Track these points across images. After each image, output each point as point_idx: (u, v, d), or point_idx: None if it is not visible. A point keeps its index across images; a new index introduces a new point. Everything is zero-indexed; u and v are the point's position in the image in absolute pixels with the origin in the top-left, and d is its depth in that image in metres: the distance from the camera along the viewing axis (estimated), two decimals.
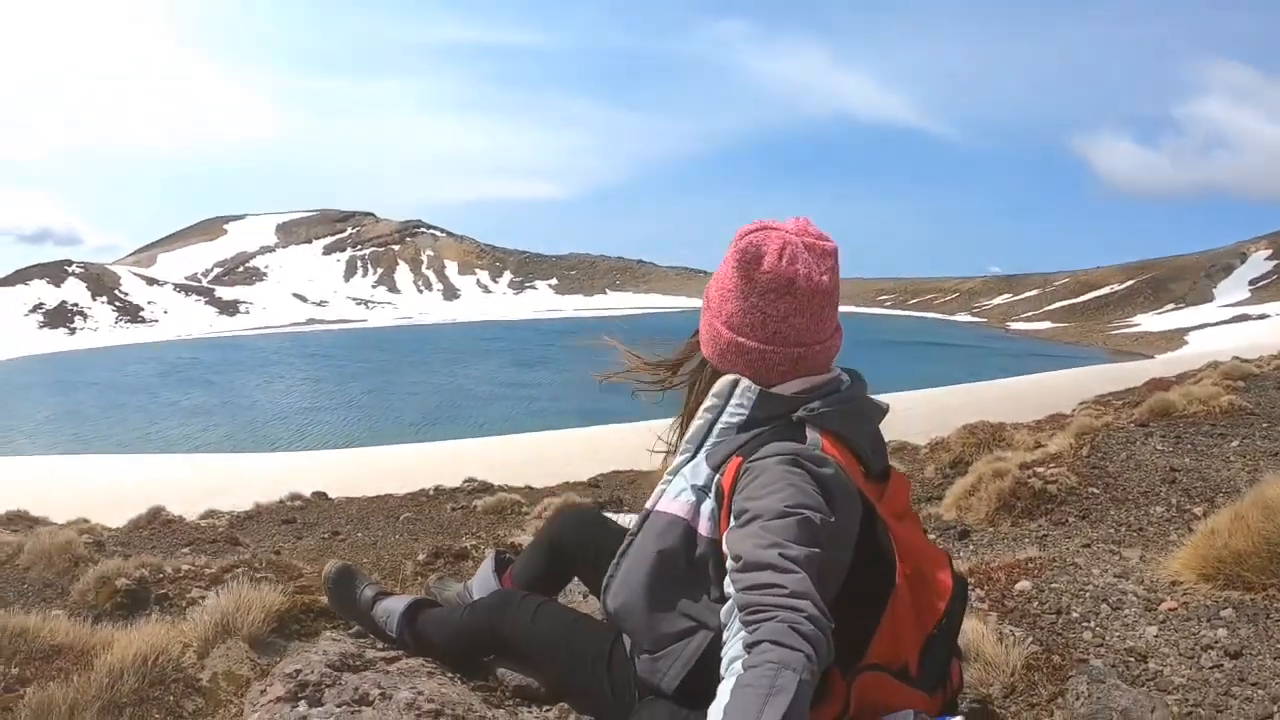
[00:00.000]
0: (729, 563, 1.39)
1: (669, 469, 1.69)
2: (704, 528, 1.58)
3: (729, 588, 1.36)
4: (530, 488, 12.32)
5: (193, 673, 2.20)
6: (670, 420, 1.85)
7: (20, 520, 6.06)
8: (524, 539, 5.87)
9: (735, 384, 1.63)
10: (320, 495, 11.37)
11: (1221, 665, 2.15)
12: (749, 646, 1.24)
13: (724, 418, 1.63)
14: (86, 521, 8.00)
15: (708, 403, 1.65)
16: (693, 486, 1.62)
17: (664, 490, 1.68)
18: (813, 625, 1.25)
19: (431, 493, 11.71)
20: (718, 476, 1.58)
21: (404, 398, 49.55)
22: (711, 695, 1.26)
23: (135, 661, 2.12)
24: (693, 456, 1.66)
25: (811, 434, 1.56)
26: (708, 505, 1.59)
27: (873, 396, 1.74)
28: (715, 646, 1.49)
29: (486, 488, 12.03)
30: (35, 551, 3.69)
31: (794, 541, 1.35)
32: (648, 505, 1.69)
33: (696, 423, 1.66)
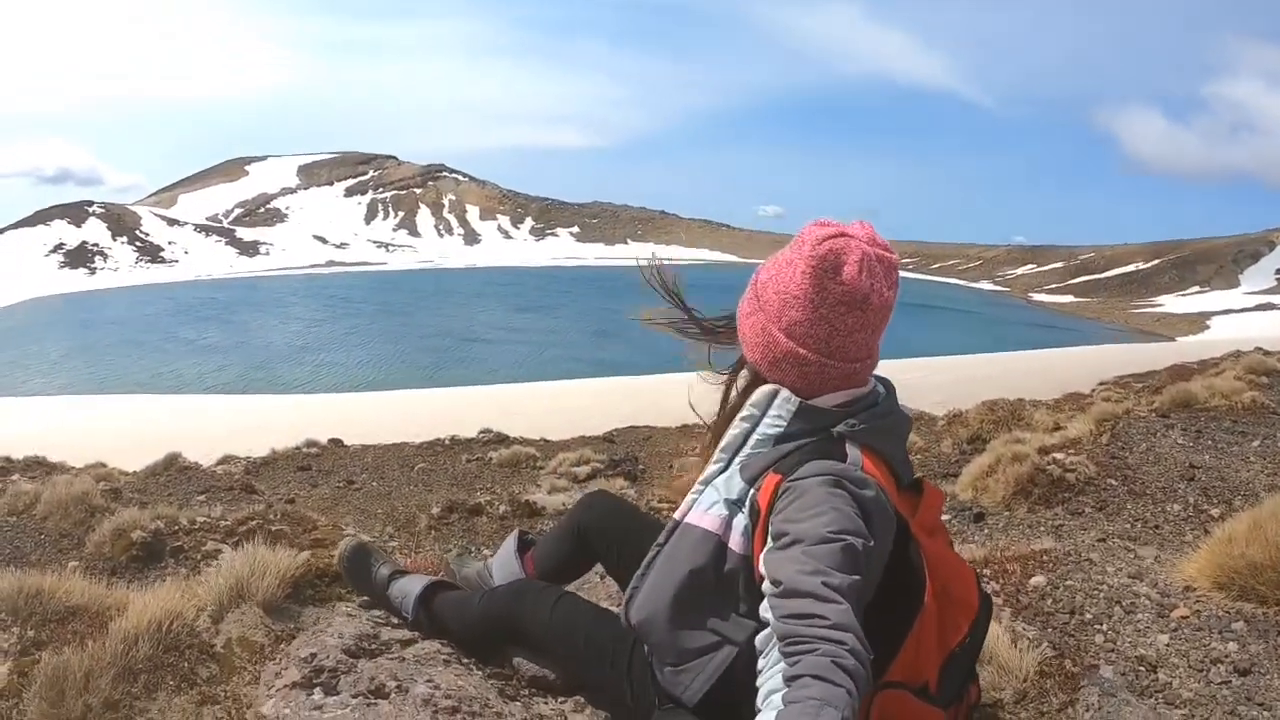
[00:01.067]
0: (767, 586, 1.36)
1: (700, 478, 1.65)
2: (736, 543, 1.55)
3: (767, 614, 1.32)
4: (545, 440, 12.35)
5: (207, 638, 2.21)
6: (695, 373, 1.78)
7: (38, 466, 6.13)
8: (538, 496, 5.89)
9: (775, 394, 1.57)
10: (336, 442, 11.45)
11: (1230, 681, 2.13)
12: (789, 680, 1.21)
13: (760, 429, 1.58)
14: (104, 466, 8.10)
15: (744, 412, 1.59)
16: (725, 500, 1.57)
17: (695, 501, 1.63)
18: (854, 659, 1.21)
19: (447, 442, 11.77)
20: (753, 491, 1.54)
21: (421, 340, 49.87)
22: (732, 709, 1.24)
23: (150, 627, 2.12)
24: (725, 467, 1.61)
25: (852, 451, 1.52)
26: (740, 520, 1.55)
27: (901, 405, 1.69)
28: (739, 662, 1.48)
29: (502, 439, 12.08)
30: (52, 502, 3.73)
31: (837, 569, 1.32)
32: (676, 515, 1.65)
33: (732, 431, 1.61)
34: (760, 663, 1.30)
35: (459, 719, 1.74)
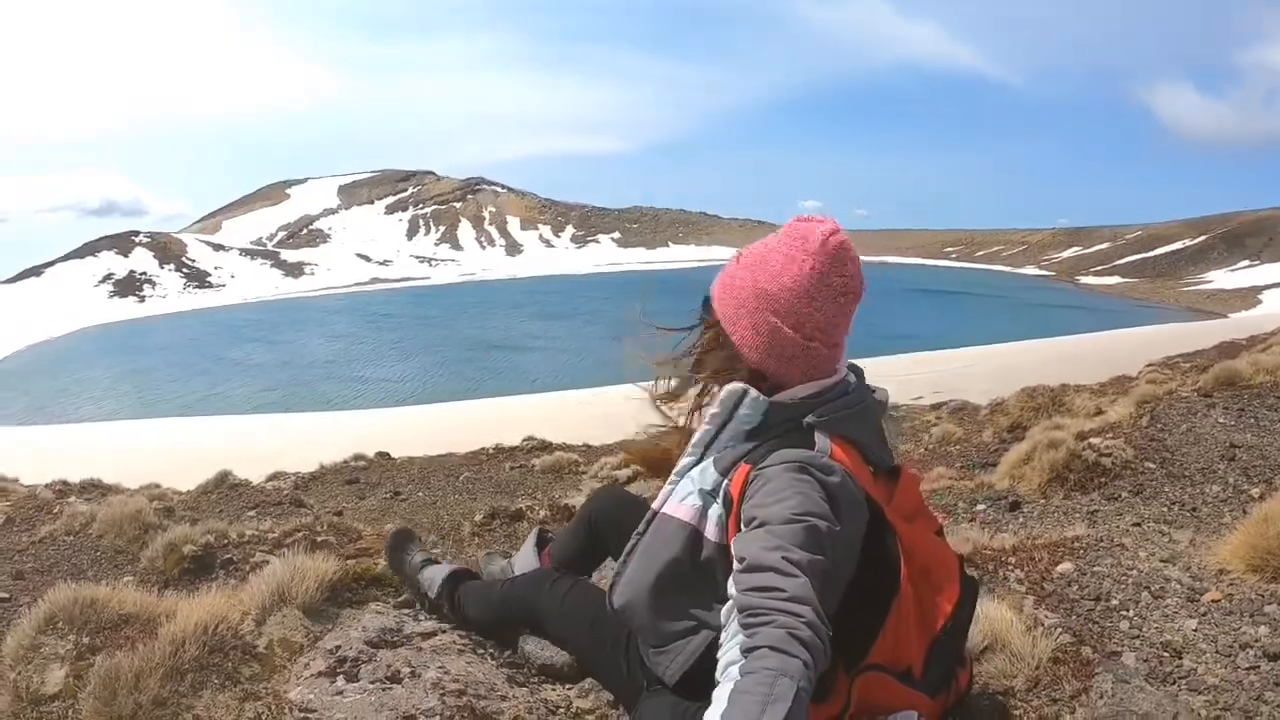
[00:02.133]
0: (734, 564, 1.41)
1: (675, 470, 1.70)
2: (711, 532, 1.60)
3: (731, 588, 1.37)
4: (588, 446, 12.44)
5: (250, 639, 2.32)
6: (646, 384, 1.86)
7: (94, 489, 6.35)
8: (576, 501, 5.97)
9: (743, 394, 1.61)
10: (383, 455, 11.62)
11: (1258, 667, 2.08)
12: (746, 651, 1.25)
13: (731, 425, 1.63)
14: (157, 486, 8.35)
15: (714, 409, 1.64)
16: (700, 490, 1.63)
17: (671, 492, 1.68)
18: (811, 632, 1.25)
19: (491, 451, 11.90)
20: (726, 482, 1.59)
21: (464, 352, 50.44)
22: (710, 689, 1.29)
23: (197, 630, 2.25)
24: (699, 460, 1.67)
25: (820, 440, 1.56)
26: (715, 510, 1.60)
27: (872, 386, 1.73)
28: (715, 645, 1.54)
29: (545, 446, 12.19)
30: (107, 520, 3.91)
31: (798, 546, 1.36)
32: (654, 505, 1.71)
33: (705, 427, 1.66)
34: (722, 635, 1.34)
35: (465, 700, 1.86)
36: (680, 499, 1.65)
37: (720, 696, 1.22)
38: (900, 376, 21.47)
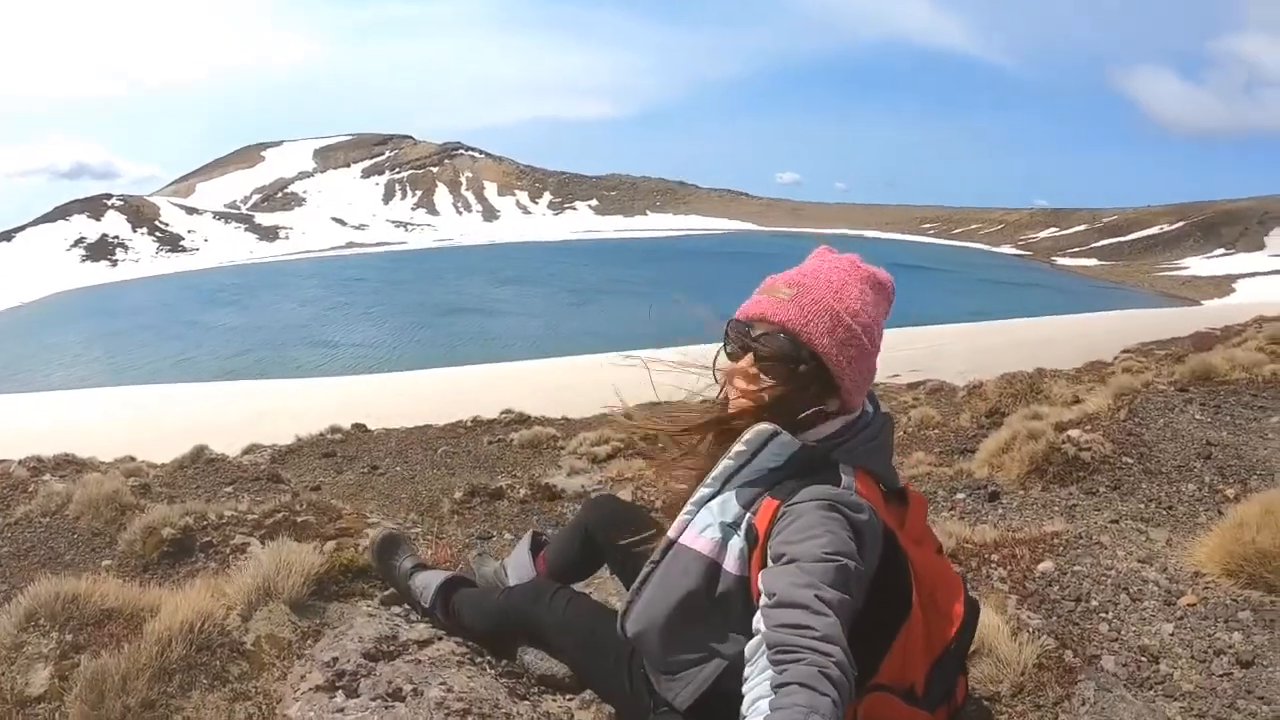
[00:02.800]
0: (762, 599, 1.40)
1: (692, 499, 1.69)
2: (731, 565, 1.59)
3: (759, 624, 1.37)
4: (566, 419, 12.41)
5: (237, 636, 2.29)
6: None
7: (68, 465, 6.23)
8: (558, 479, 5.94)
9: (772, 436, 1.60)
10: (359, 427, 11.53)
11: (1231, 674, 2.14)
12: (776, 687, 1.25)
13: (755, 462, 1.62)
14: (133, 460, 8.25)
15: (738, 448, 1.62)
16: (720, 523, 1.62)
17: (688, 522, 1.67)
18: (840, 671, 1.26)
19: (469, 424, 11.84)
20: (749, 515, 1.59)
21: (438, 317, 50.17)
22: (721, 715, 1.29)
23: (183, 628, 2.20)
24: (718, 492, 1.66)
25: (845, 475, 1.57)
26: (736, 543, 1.60)
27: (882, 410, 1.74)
28: (728, 673, 1.55)
29: (523, 420, 12.14)
30: (83, 502, 3.83)
31: (829, 585, 1.37)
32: (670, 534, 1.69)
33: (725, 462, 1.65)
34: (747, 670, 1.34)
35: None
36: (699, 531, 1.64)
37: None
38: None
